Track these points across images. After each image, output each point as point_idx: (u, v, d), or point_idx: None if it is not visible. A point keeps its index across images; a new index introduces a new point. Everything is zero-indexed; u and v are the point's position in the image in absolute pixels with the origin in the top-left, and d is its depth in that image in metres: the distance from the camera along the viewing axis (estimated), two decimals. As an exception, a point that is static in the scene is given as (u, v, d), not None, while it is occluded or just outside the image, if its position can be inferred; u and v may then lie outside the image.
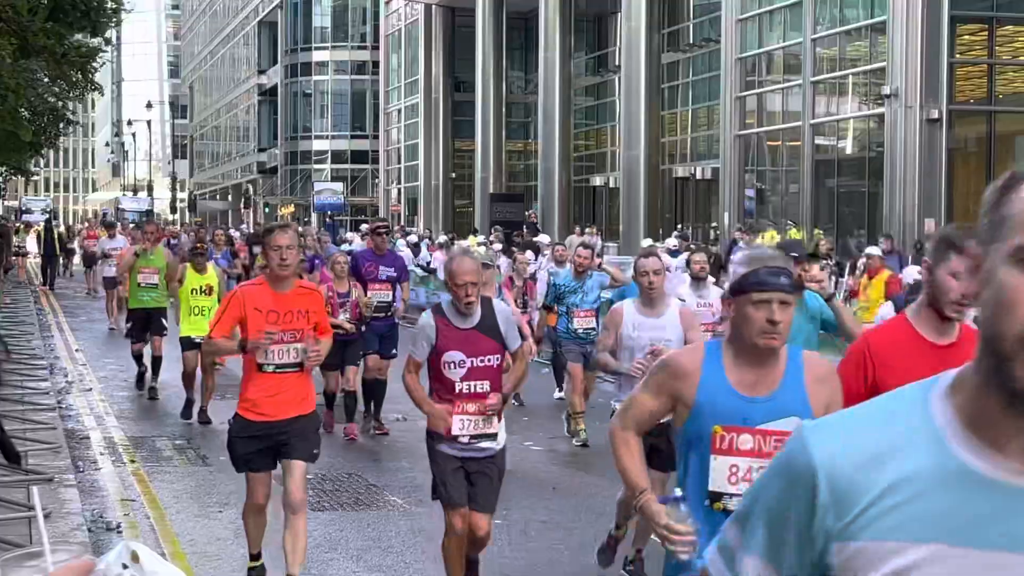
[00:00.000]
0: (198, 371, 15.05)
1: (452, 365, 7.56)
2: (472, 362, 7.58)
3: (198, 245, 16.22)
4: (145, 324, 16.90)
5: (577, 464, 12.87)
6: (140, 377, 17.21)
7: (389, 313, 14.29)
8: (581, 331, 14.00)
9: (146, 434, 14.42)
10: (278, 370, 7.89)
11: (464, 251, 8.29)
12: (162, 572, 2.58)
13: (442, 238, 35.81)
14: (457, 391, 7.59)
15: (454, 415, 7.58)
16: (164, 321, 17.04)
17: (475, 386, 7.61)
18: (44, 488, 10.31)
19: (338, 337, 11.54)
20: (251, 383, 7.99)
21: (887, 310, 14.01)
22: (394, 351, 14.25)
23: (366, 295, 13.89)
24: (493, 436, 7.75)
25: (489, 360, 7.62)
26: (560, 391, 16.59)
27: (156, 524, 10.13)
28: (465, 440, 7.65)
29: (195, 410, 15.12)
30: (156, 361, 16.81)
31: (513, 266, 19.14)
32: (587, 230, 37.12)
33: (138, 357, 17.14)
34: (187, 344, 15.12)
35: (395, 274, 14.42)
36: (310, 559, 9.02)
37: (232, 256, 23.00)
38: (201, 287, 15.28)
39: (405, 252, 28.29)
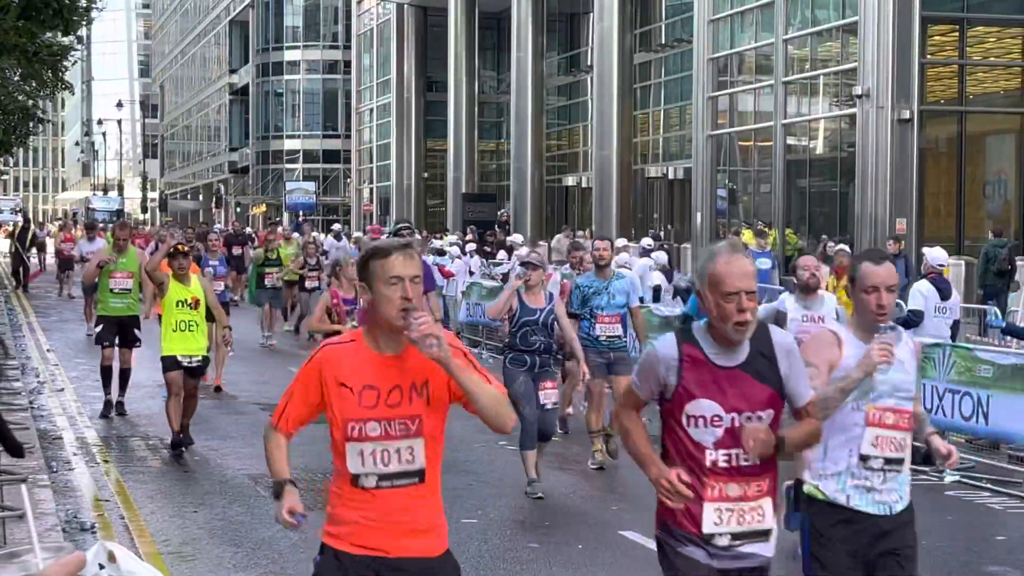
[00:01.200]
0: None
1: (702, 422, 4.99)
2: (734, 419, 4.97)
3: (178, 247, 13.55)
4: (115, 332, 15.57)
5: (551, 464, 12.85)
6: (106, 405, 15.35)
7: None
8: (604, 338, 12.40)
9: (119, 434, 14.36)
10: (383, 484, 4.68)
11: (733, 245, 5.22)
12: (138, 572, 2.58)
13: (416, 237, 35.74)
14: (709, 463, 4.99)
15: (706, 501, 4.98)
16: (137, 332, 15.77)
17: (738, 457, 4.99)
18: (17, 488, 10.25)
19: None
20: (342, 499, 4.76)
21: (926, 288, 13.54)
22: None
23: None
24: (766, 534, 5.11)
25: (760, 418, 4.99)
26: (570, 408, 14.74)
27: (131, 524, 10.09)
28: (723, 543, 5.02)
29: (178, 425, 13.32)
30: (124, 374, 15.50)
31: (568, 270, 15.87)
32: (579, 234, 37.00)
33: (106, 375, 15.50)
34: (170, 364, 13.29)
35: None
36: (288, 558, 9.01)
37: (227, 261, 21.20)
38: (186, 300, 13.35)
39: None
